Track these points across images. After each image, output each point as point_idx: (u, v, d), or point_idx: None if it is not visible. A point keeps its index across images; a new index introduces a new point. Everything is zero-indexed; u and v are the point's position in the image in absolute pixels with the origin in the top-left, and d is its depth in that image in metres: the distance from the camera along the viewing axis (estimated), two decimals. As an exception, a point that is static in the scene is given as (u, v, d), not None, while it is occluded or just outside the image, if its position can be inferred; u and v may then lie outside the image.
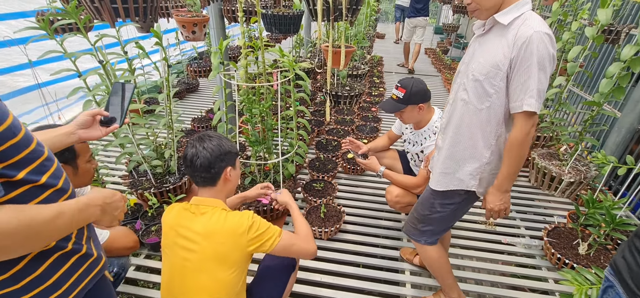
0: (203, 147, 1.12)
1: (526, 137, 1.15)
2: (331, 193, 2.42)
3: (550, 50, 1.07)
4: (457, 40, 8.34)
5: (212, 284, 1.09)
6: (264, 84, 1.81)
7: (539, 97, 1.10)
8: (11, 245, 0.60)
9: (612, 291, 0.79)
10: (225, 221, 1.10)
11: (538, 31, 1.05)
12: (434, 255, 1.56)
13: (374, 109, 4.07)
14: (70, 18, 1.48)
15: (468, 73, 1.24)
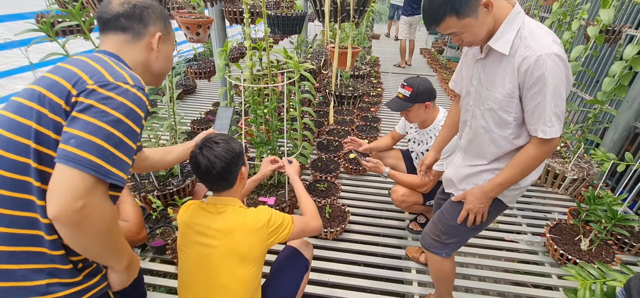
0: (215, 156, 1.10)
1: (537, 159, 1.10)
2: (335, 193, 2.43)
3: (562, 73, 0.99)
4: (452, 41, 8.41)
5: (233, 282, 1.10)
6: (270, 85, 1.81)
7: (557, 121, 1.03)
8: (109, 234, 0.77)
9: None
10: (244, 218, 1.11)
11: (542, 54, 0.97)
12: (449, 268, 1.50)
13: (374, 109, 4.09)
14: (74, 20, 1.46)
15: (481, 100, 1.18)
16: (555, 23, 2.60)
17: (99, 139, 0.71)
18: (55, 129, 0.74)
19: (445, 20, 1.01)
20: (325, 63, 3.40)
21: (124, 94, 0.76)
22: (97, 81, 0.76)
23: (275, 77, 1.89)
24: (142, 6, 0.94)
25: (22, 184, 0.74)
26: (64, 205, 0.67)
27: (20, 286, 0.74)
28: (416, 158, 2.13)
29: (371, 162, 2.00)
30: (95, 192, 0.71)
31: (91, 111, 0.73)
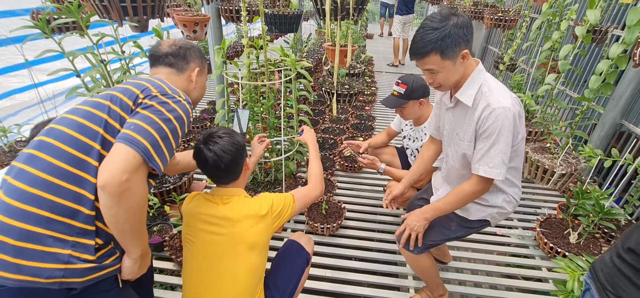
0: (222, 150, 1.12)
1: (473, 194, 1.28)
2: (331, 190, 2.46)
3: (514, 124, 1.16)
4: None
5: (241, 269, 1.13)
6: (267, 83, 1.83)
7: (502, 164, 1.19)
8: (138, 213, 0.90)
9: (588, 294, 0.83)
10: (249, 208, 1.16)
11: (497, 108, 1.14)
12: (425, 263, 1.57)
13: (368, 108, 4.13)
14: (71, 17, 1.46)
15: (452, 143, 1.36)
16: (545, 23, 2.67)
17: (152, 129, 0.89)
18: (121, 122, 0.92)
19: (430, 56, 1.15)
20: (326, 60, 3.44)
21: (177, 103, 0.98)
22: (159, 91, 0.98)
23: (273, 74, 1.91)
24: (185, 47, 1.19)
25: (83, 163, 0.87)
26: (114, 175, 0.81)
27: (46, 251, 0.83)
28: (411, 155, 2.17)
29: (367, 158, 2.03)
30: (139, 171, 0.86)
31: (151, 109, 0.93)
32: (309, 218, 2.15)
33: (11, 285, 0.81)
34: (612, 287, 0.75)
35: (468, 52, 1.17)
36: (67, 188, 0.85)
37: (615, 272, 0.75)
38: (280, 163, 2.16)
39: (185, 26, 1.76)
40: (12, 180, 0.85)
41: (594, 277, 0.82)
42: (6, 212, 0.82)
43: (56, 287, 0.84)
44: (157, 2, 1.52)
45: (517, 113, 1.17)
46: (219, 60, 1.64)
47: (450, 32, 1.11)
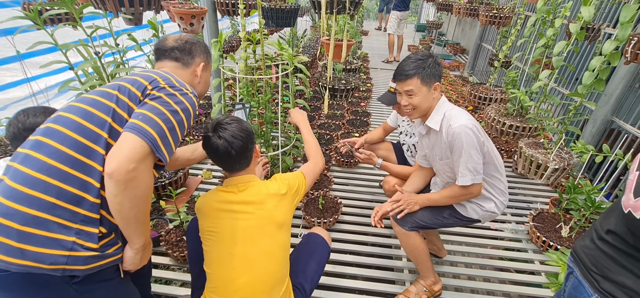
0: (232, 136, 1.12)
1: (457, 197, 1.53)
2: (327, 185, 2.46)
3: (472, 136, 1.39)
4: (439, 38, 8.55)
5: (275, 247, 1.17)
6: (264, 77, 1.82)
7: (469, 173, 1.42)
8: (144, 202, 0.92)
9: (572, 277, 0.85)
10: (268, 188, 1.20)
11: (461, 125, 1.38)
12: (417, 242, 1.63)
13: (363, 104, 4.14)
14: (65, 8, 1.43)
15: (436, 161, 1.61)
16: (539, 20, 2.70)
17: (160, 120, 0.91)
18: (129, 112, 0.93)
19: (413, 78, 1.42)
20: (322, 55, 3.44)
21: (184, 95, 1.00)
22: (167, 83, 0.99)
23: (269, 69, 1.90)
24: (191, 42, 1.21)
25: (90, 151, 0.88)
26: (122, 163, 0.82)
27: (51, 236, 0.83)
28: (408, 150, 2.18)
29: (364, 154, 2.04)
30: (146, 161, 0.87)
31: (159, 100, 0.94)
32: (306, 213, 2.15)
33: (15, 270, 0.80)
34: (596, 268, 0.78)
35: (438, 85, 1.45)
36: (75, 175, 0.86)
37: (598, 253, 0.78)
38: (276, 158, 2.15)
39: (181, 19, 1.74)
40: (19, 165, 0.85)
41: (577, 260, 0.85)
42: (11, 196, 0.82)
43: (59, 273, 0.84)
44: (154, -7, 1.50)
45: (473, 126, 1.40)
46: (215, 54, 1.63)
47: (429, 64, 1.42)
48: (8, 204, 0.81)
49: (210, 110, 3.53)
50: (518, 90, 2.90)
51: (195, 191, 2.48)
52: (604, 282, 0.75)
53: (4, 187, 0.83)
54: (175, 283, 1.81)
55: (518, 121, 2.99)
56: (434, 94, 1.46)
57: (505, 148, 3.20)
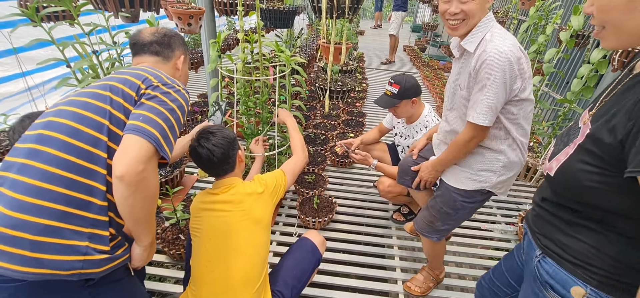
0: (213, 145, 1.21)
1: (467, 142, 1.28)
2: (322, 185, 2.49)
3: (507, 69, 1.11)
4: (434, 39, 8.62)
5: (248, 246, 1.21)
6: (262, 78, 1.84)
7: (489, 111, 1.17)
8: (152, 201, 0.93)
9: (526, 237, 1.00)
10: (247, 187, 1.27)
11: (491, 53, 1.12)
12: (441, 247, 1.71)
13: (359, 105, 4.18)
14: (63, 6, 1.44)
15: (456, 92, 1.34)
16: (531, 26, 2.76)
17: (160, 119, 0.91)
18: (125, 113, 0.93)
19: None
20: (320, 57, 3.50)
21: (178, 92, 1.01)
22: (160, 81, 1.00)
23: (267, 69, 1.92)
24: (169, 35, 1.19)
25: (92, 155, 0.89)
26: (131, 165, 0.83)
27: (66, 243, 0.84)
28: (402, 152, 2.22)
29: (360, 154, 2.07)
30: (152, 161, 0.89)
31: (156, 100, 0.94)
32: (301, 212, 2.18)
33: (31, 279, 0.81)
34: (537, 229, 0.92)
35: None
36: (80, 180, 0.87)
37: (537, 217, 0.93)
38: (273, 158, 2.18)
39: (179, 19, 1.75)
40: (16, 175, 0.84)
41: (528, 224, 1.00)
42: (19, 208, 0.81)
43: (75, 278, 0.85)
44: (155, -6, 1.51)
45: (514, 58, 1.12)
46: (213, 54, 1.64)
47: None
48: (17, 216, 0.81)
49: (206, 108, 3.53)
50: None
51: (191, 189, 2.49)
52: (544, 240, 0.88)
53: (5, 199, 0.82)
54: (169, 280, 1.83)
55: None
56: (487, 4, 1.19)
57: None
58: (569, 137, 0.83)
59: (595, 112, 0.78)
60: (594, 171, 0.71)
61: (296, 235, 2.12)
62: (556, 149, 0.87)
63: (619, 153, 0.66)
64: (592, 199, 0.74)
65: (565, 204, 0.83)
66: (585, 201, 0.76)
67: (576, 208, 0.80)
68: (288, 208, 2.36)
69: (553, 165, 0.82)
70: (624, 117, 0.66)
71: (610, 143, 0.67)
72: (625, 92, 0.71)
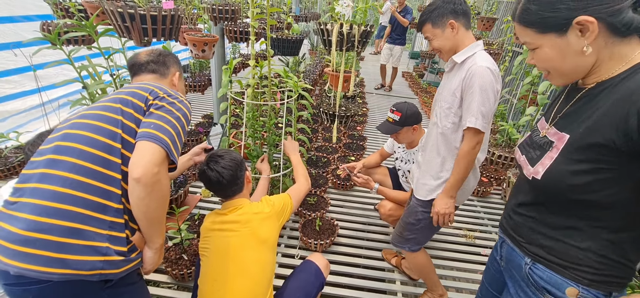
0: (222, 167, 1.28)
1: (470, 150, 1.38)
2: (324, 207, 2.53)
3: (491, 80, 1.31)
4: (432, 66, 8.88)
5: (253, 265, 1.24)
6: (270, 103, 1.92)
7: (482, 117, 1.32)
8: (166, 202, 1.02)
9: (505, 244, 1.04)
10: (255, 208, 1.32)
11: (481, 66, 1.31)
12: (420, 260, 1.75)
13: (360, 128, 4.27)
14: (86, 32, 1.52)
15: (439, 101, 1.50)
16: (526, 58, 2.90)
17: (169, 126, 1.00)
18: (135, 122, 1.01)
19: (425, 25, 1.44)
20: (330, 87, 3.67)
21: (182, 103, 1.10)
22: (165, 93, 1.08)
23: (275, 94, 2.01)
24: (164, 54, 1.29)
25: (108, 162, 0.96)
26: (148, 168, 0.91)
27: (88, 244, 0.90)
28: (403, 176, 2.28)
29: (362, 178, 2.12)
30: (164, 164, 0.97)
31: (163, 109, 1.03)
32: (303, 234, 2.21)
33: (57, 279, 0.86)
34: (521, 236, 0.96)
35: (455, 22, 1.37)
36: (96, 185, 0.93)
37: (517, 224, 0.98)
38: (277, 180, 2.22)
39: (194, 45, 1.84)
40: (38, 184, 0.90)
41: (505, 231, 1.04)
42: (42, 212, 0.87)
43: (96, 278, 0.91)
44: (175, 26, 1.61)
45: (495, 71, 1.33)
46: (225, 79, 1.72)
47: (436, 6, 1.38)
48: (42, 220, 0.86)
49: (209, 129, 3.60)
50: (506, 123, 3.06)
51: (194, 209, 2.52)
52: (531, 247, 0.93)
53: (29, 206, 0.87)
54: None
55: (506, 152, 3.14)
56: (452, 32, 1.39)
57: (494, 176, 3.34)
58: (541, 146, 0.89)
59: (560, 121, 0.87)
60: (588, 169, 0.77)
61: (298, 257, 2.13)
62: (532, 155, 0.92)
63: (619, 149, 0.72)
64: (582, 195, 0.79)
65: (547, 206, 0.89)
66: (575, 198, 0.81)
67: (559, 208, 0.86)
68: (290, 229, 2.38)
69: (539, 169, 0.87)
70: (617, 119, 0.72)
71: (606, 143, 0.73)
72: (593, 100, 0.80)
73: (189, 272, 1.84)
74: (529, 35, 0.84)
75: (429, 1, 1.61)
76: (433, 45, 1.45)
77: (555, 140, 0.85)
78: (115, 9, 1.44)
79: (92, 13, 1.89)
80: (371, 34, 2.45)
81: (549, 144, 0.87)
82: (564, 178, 0.81)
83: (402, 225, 1.71)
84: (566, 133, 0.82)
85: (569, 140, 0.81)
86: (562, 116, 0.88)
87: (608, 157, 0.74)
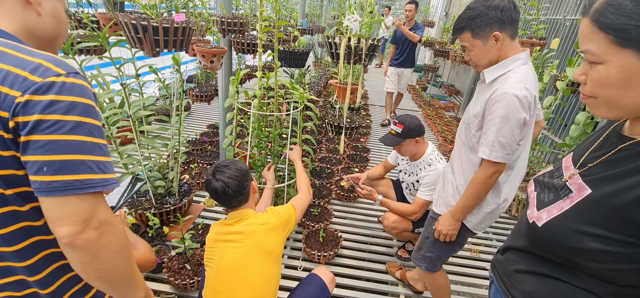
0: (228, 177, 1.28)
1: (485, 179, 1.28)
2: (328, 218, 2.52)
3: (516, 109, 1.16)
4: (435, 80, 8.93)
5: (259, 277, 1.23)
6: (276, 114, 1.95)
7: (500, 148, 1.20)
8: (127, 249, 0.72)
9: (493, 285, 0.96)
10: (261, 219, 1.31)
11: (507, 92, 1.16)
12: (441, 282, 1.67)
13: (363, 140, 4.28)
14: (99, 42, 1.56)
15: (465, 115, 1.42)
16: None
17: (71, 154, 0.61)
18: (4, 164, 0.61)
19: (463, 33, 1.26)
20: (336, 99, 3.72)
21: (63, 91, 0.61)
22: (20, 88, 0.58)
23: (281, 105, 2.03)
24: None
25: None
26: (76, 231, 0.62)
27: None
28: (407, 188, 2.28)
29: (366, 189, 2.13)
30: (99, 205, 0.65)
31: (41, 128, 0.59)
32: (307, 245, 2.20)
33: None
34: (506, 278, 0.89)
35: (500, 34, 1.19)
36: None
37: (505, 266, 0.90)
38: (281, 190, 2.23)
39: (203, 56, 1.88)
40: None
41: (494, 271, 0.96)
42: None
43: None
44: (186, 37, 1.65)
45: (523, 97, 1.15)
46: (232, 90, 1.75)
47: (479, 13, 1.19)
48: None
49: (214, 138, 3.63)
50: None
51: (198, 218, 2.52)
52: (512, 289, 0.86)
53: None
54: (175, 311, 1.82)
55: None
56: (495, 44, 1.21)
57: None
58: (557, 190, 0.78)
59: (588, 170, 0.73)
60: (602, 236, 0.65)
61: (301, 269, 2.12)
62: (543, 197, 0.80)
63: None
64: (582, 260, 0.69)
65: (538, 254, 0.80)
66: (570, 258, 0.72)
67: (550, 259, 0.77)
68: (293, 240, 2.38)
69: (543, 216, 0.76)
70: None
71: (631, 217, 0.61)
72: (629, 159, 0.66)
73: (191, 282, 1.84)
74: (599, 42, 0.63)
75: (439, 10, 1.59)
76: (469, 56, 1.29)
77: (575, 191, 0.72)
78: (128, 21, 1.48)
79: (104, 24, 1.94)
80: (378, 48, 2.50)
81: (567, 192, 0.74)
82: (567, 236, 0.70)
83: (421, 240, 1.65)
84: (590, 188, 0.69)
85: (589, 196, 0.68)
86: (593, 164, 0.72)
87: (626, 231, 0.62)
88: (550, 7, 3.92)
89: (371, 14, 2.49)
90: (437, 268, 1.63)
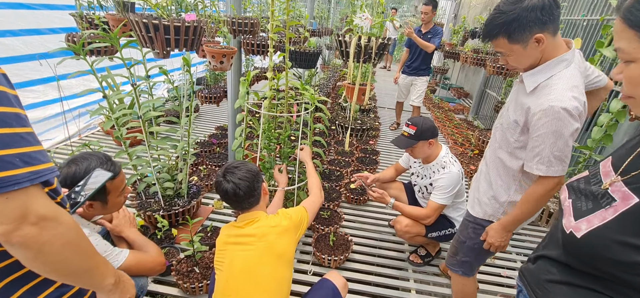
0: (239, 178, 1.25)
1: (545, 194, 1.19)
2: (338, 221, 2.48)
3: (568, 123, 1.06)
4: (444, 82, 8.83)
5: (271, 281, 1.20)
6: (286, 114, 1.92)
7: (557, 162, 1.11)
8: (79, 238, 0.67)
9: (521, 295, 0.91)
10: (272, 221, 1.28)
11: (554, 106, 1.05)
12: (470, 289, 1.60)
13: (372, 142, 4.23)
14: (110, 43, 1.56)
15: (502, 116, 1.33)
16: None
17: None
18: None
19: (498, 39, 1.14)
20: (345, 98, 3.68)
21: None
22: None
23: (291, 106, 2.01)
24: None
25: None
26: (9, 230, 0.57)
27: None
28: (419, 192, 2.22)
29: (377, 192, 2.08)
30: (33, 201, 0.59)
31: None
32: (317, 249, 2.16)
33: None
34: (539, 289, 0.84)
35: (542, 35, 1.08)
36: None
37: (537, 276, 0.86)
38: (291, 192, 2.20)
39: (213, 57, 1.87)
40: None
41: (523, 281, 0.91)
42: None
43: None
44: (197, 37, 1.63)
45: (573, 108, 1.05)
46: (243, 91, 1.73)
47: (519, 16, 1.06)
48: None
49: (223, 140, 3.61)
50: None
51: (207, 220, 2.50)
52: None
53: None
54: (184, 314, 1.79)
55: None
56: (537, 46, 1.09)
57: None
58: (596, 198, 0.74)
59: (633, 177, 0.68)
60: None
61: (311, 273, 2.08)
62: (580, 205, 0.76)
63: None
64: (623, 273, 0.66)
65: (575, 267, 0.76)
66: (611, 272, 0.68)
67: (588, 272, 0.73)
68: (302, 244, 2.34)
69: (581, 226, 0.72)
70: None
71: None
72: None
73: (200, 285, 1.81)
74: (629, 39, 0.62)
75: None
76: (505, 61, 1.18)
77: (618, 200, 0.68)
78: (140, 20, 1.47)
79: (114, 25, 1.94)
80: (387, 46, 2.45)
81: (609, 200, 0.70)
82: (610, 249, 0.66)
83: (455, 244, 1.56)
84: (637, 196, 0.64)
85: (636, 205, 0.64)
86: (635, 171, 0.68)
87: None
88: (567, 7, 3.83)
89: (382, 14, 2.46)
90: (473, 272, 1.57)
